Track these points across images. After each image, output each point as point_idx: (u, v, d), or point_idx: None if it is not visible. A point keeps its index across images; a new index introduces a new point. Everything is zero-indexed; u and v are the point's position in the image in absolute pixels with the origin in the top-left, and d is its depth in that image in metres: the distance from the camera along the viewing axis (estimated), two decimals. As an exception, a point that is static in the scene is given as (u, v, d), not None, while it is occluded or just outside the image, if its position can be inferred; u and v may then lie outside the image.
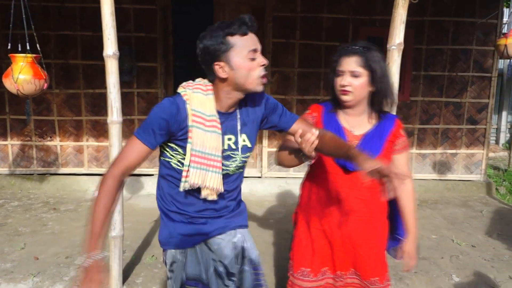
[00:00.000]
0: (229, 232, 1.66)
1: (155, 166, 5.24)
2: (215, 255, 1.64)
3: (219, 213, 1.65)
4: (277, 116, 1.68)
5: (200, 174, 1.51)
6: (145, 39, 5.06)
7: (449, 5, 5.18)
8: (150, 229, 3.94)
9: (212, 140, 1.52)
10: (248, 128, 1.63)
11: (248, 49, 1.48)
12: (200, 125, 1.50)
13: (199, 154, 1.51)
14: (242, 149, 1.62)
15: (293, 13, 5.11)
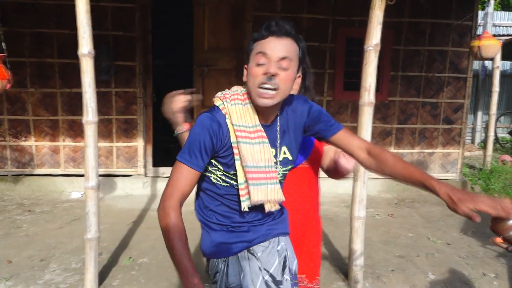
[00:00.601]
0: (272, 239, 1.55)
1: (133, 167, 5.18)
2: (260, 263, 1.51)
3: (261, 222, 1.54)
4: (321, 125, 1.53)
5: (261, 190, 1.42)
6: (124, 38, 4.99)
7: (426, 7, 5.26)
8: (127, 231, 3.89)
9: (261, 151, 1.43)
10: (289, 140, 1.52)
11: (256, 52, 1.36)
12: (245, 139, 1.40)
13: (254, 170, 1.41)
14: (282, 162, 1.51)
15: (273, 13, 5.11)
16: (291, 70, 1.37)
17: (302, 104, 1.52)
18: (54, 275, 3.04)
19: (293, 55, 1.38)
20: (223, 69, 5.23)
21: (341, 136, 1.54)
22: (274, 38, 1.36)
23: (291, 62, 1.37)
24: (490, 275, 3.19)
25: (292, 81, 1.40)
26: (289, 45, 1.38)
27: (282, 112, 1.49)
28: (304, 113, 1.51)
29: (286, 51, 1.36)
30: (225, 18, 5.16)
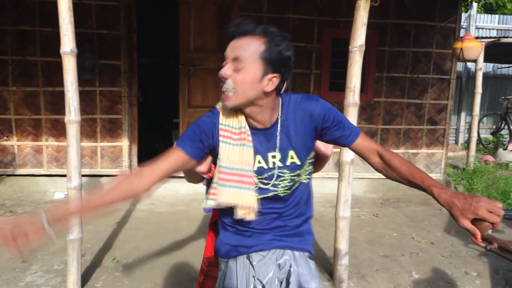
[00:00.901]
0: (274, 250, 1.50)
1: (118, 167, 5.12)
2: (254, 272, 1.48)
3: (266, 230, 1.51)
4: (339, 131, 1.45)
5: (229, 193, 1.40)
6: (108, 37, 4.94)
7: (410, 9, 5.31)
8: (111, 231, 3.84)
9: (240, 154, 1.40)
10: (296, 144, 1.44)
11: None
12: (227, 139, 1.41)
13: (226, 171, 1.40)
14: (289, 167, 1.45)
15: (260, 13, 5.11)
16: (245, 70, 1.32)
17: (313, 105, 1.43)
18: (35, 277, 2.98)
19: (248, 55, 1.32)
20: (209, 69, 5.21)
21: (359, 142, 1.48)
22: (234, 40, 1.35)
23: (244, 62, 1.32)
24: (472, 274, 3.23)
25: (252, 82, 1.33)
26: (245, 45, 1.33)
27: (285, 114, 1.44)
28: (314, 114, 1.43)
29: (238, 52, 1.33)
30: (211, 18, 5.14)
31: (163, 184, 5.09)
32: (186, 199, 4.86)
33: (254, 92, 1.35)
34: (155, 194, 5.00)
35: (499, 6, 11.99)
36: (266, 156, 1.44)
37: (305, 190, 1.54)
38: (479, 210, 1.19)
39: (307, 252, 1.56)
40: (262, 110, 1.40)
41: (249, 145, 1.42)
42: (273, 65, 1.34)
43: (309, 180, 1.55)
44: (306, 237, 1.57)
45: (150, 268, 3.16)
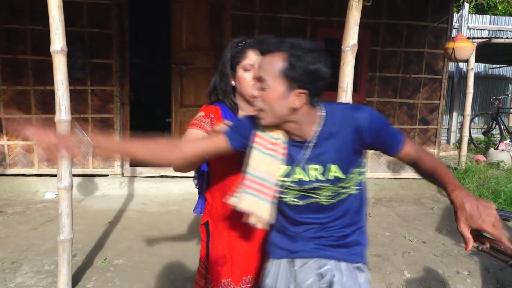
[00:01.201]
0: (315, 259, 1.48)
1: (110, 166, 5.09)
2: (294, 277, 1.48)
3: (311, 238, 1.49)
4: (385, 141, 1.40)
5: (248, 199, 1.41)
6: (100, 35, 4.90)
7: (403, 9, 5.34)
8: (103, 232, 3.81)
9: (267, 164, 1.41)
10: (339, 157, 1.40)
11: None
12: (259, 146, 1.43)
13: (250, 178, 1.42)
14: (331, 181, 1.41)
15: (252, 12, 5.10)
16: (269, 89, 1.32)
17: (360, 115, 1.37)
18: (26, 278, 2.95)
19: (269, 73, 1.32)
20: (202, 68, 5.19)
21: (405, 151, 1.42)
22: (260, 57, 1.39)
23: (266, 81, 1.32)
24: (463, 273, 3.25)
25: (277, 100, 1.32)
26: (267, 63, 1.33)
27: (329, 126, 1.40)
28: (361, 126, 1.37)
29: (260, 71, 1.35)
30: (204, 17, 5.12)
31: (155, 184, 5.07)
32: (179, 199, 4.84)
33: (282, 110, 1.34)
34: (147, 193, 4.98)
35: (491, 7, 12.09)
36: (307, 169, 1.42)
37: (354, 200, 1.48)
38: (485, 224, 1.13)
39: (355, 263, 1.49)
40: (299, 125, 1.38)
41: (279, 157, 1.42)
42: (298, 80, 1.30)
43: (360, 190, 1.49)
44: (355, 247, 1.50)
45: (142, 268, 3.14)
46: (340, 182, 1.42)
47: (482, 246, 1.24)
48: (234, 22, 5.07)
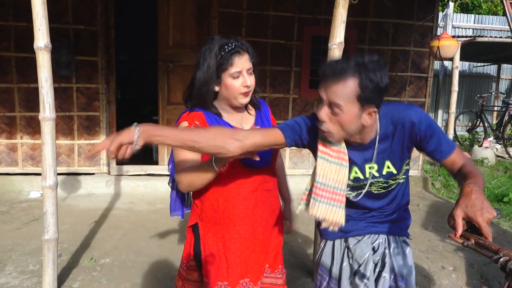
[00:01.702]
0: (368, 235, 1.63)
1: (96, 165, 5.04)
2: (351, 253, 1.62)
3: (361, 217, 1.63)
4: (432, 144, 1.48)
5: (320, 208, 1.50)
6: (85, 32, 4.83)
7: (389, 8, 5.37)
8: (89, 231, 3.77)
9: (336, 172, 1.49)
10: (393, 154, 1.52)
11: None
12: (325, 155, 1.50)
13: (321, 187, 1.50)
14: (385, 176, 1.55)
15: (239, 9, 5.09)
16: (343, 114, 1.36)
17: (410, 115, 1.47)
18: (10, 278, 2.91)
19: (343, 99, 1.35)
20: (189, 65, 5.14)
21: (452, 158, 1.49)
22: (328, 81, 1.37)
23: (340, 106, 1.35)
24: (448, 268, 3.30)
25: (351, 122, 1.38)
26: (339, 90, 1.35)
27: (384, 128, 1.49)
28: (411, 124, 1.47)
29: (332, 97, 1.36)
30: (190, 14, 5.09)
31: (142, 182, 5.03)
32: (166, 197, 4.74)
33: (354, 128, 1.42)
34: (134, 192, 4.94)
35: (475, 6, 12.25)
36: (364, 168, 1.53)
37: (401, 187, 1.63)
38: (481, 217, 1.19)
39: (401, 236, 1.66)
40: (363, 135, 1.48)
41: (345, 165, 1.49)
42: (370, 100, 1.37)
43: (407, 177, 1.63)
44: (401, 222, 1.67)
45: (129, 267, 3.12)
46: (393, 176, 1.56)
47: (468, 242, 1.26)
48: (221, 20, 5.05)
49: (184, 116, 1.69)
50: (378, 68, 1.36)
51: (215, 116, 1.68)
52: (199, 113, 1.67)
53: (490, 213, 1.20)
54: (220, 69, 1.60)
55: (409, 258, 1.65)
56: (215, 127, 1.53)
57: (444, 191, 5.75)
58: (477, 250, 1.24)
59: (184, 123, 1.66)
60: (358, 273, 1.59)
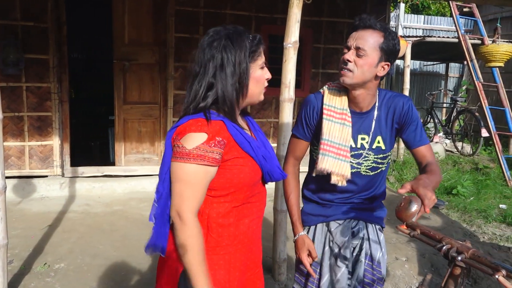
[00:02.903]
0: (349, 220, 1.80)
1: (49, 167, 4.86)
2: (332, 237, 1.78)
3: (344, 202, 1.79)
4: (412, 132, 1.72)
5: (328, 161, 1.67)
6: (35, 29, 4.65)
7: (343, 7, 5.51)
8: (42, 235, 3.64)
9: (339, 131, 1.68)
10: (385, 132, 1.72)
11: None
12: (329, 117, 1.69)
13: (327, 143, 1.68)
14: (374, 150, 1.73)
15: (196, 7, 5.06)
16: (366, 56, 1.59)
17: (402, 102, 1.71)
18: (-44, 288, 2.76)
19: (370, 44, 1.59)
20: (146, 63, 5.08)
21: (422, 150, 1.71)
22: (357, 31, 1.63)
23: (366, 50, 1.59)
24: (402, 259, 3.44)
25: (370, 66, 1.60)
26: (368, 36, 1.60)
27: (381, 104, 1.72)
28: (401, 110, 1.71)
29: (361, 42, 1.60)
30: (146, 11, 5.01)
31: (98, 184, 4.91)
32: (123, 198, 4.73)
33: (369, 75, 1.63)
34: (90, 194, 4.81)
35: (425, 7, 12.76)
36: (356, 137, 1.72)
37: (382, 176, 1.81)
38: (421, 188, 1.34)
39: (378, 224, 1.83)
40: (366, 95, 1.68)
41: (348, 124, 1.69)
42: (387, 55, 1.63)
43: (387, 168, 1.82)
44: (378, 211, 1.84)
45: (84, 272, 3.04)
46: (381, 153, 1.74)
47: (414, 232, 1.33)
48: (178, 17, 5.00)
49: (197, 127, 1.29)
50: (395, 36, 1.64)
51: (234, 125, 1.35)
52: (220, 123, 1.32)
53: (432, 193, 1.34)
54: (250, 60, 1.38)
55: (383, 245, 1.81)
56: (291, 182, 1.86)
57: (398, 185, 5.97)
58: (422, 239, 1.31)
59: (202, 136, 1.28)
60: (339, 256, 1.75)
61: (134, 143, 5.20)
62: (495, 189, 5.72)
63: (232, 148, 1.33)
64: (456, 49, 6.98)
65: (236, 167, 1.34)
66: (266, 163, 1.41)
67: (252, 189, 1.41)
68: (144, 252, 1.44)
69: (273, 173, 1.44)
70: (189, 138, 1.27)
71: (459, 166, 6.98)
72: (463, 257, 1.17)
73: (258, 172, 1.40)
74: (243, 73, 1.35)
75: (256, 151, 1.37)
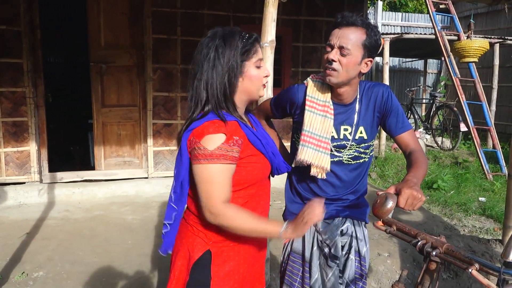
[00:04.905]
0: (337, 219, 1.79)
1: (26, 173, 4.76)
2: (320, 237, 1.75)
3: (330, 201, 1.76)
4: (394, 119, 1.74)
5: (308, 152, 1.68)
6: (8, 33, 4.54)
7: (321, 7, 5.53)
8: (20, 244, 3.55)
9: (321, 122, 1.68)
10: (366, 121, 1.74)
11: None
12: (311, 109, 1.70)
13: (307, 134, 1.69)
14: (357, 140, 1.74)
15: (173, 8, 5.01)
16: (350, 55, 1.59)
17: (382, 91, 1.73)
18: None
19: (353, 42, 1.59)
20: (123, 66, 5.01)
21: (405, 136, 1.74)
22: (339, 29, 1.62)
23: (349, 49, 1.58)
24: (384, 255, 3.46)
25: (354, 64, 1.61)
26: (350, 34, 1.60)
27: (361, 96, 1.74)
28: (381, 98, 1.73)
29: (344, 40, 1.59)
30: (122, 13, 4.94)
31: (78, 189, 4.83)
32: (104, 203, 4.65)
33: (354, 73, 1.64)
34: (70, 199, 4.73)
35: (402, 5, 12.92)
36: (339, 128, 1.73)
37: (365, 168, 1.82)
38: (407, 188, 1.37)
39: (363, 221, 1.85)
40: (350, 89, 1.69)
41: (330, 116, 1.70)
42: (370, 51, 1.63)
43: (369, 161, 1.83)
44: (363, 208, 1.85)
45: (64, 279, 2.97)
46: (363, 143, 1.75)
47: (390, 229, 1.33)
48: (155, 19, 4.95)
49: (215, 126, 1.34)
50: (377, 30, 1.65)
51: (245, 124, 1.43)
52: (234, 123, 1.39)
53: (418, 191, 1.36)
54: (243, 59, 1.41)
55: (367, 240, 1.86)
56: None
57: (380, 181, 6.03)
58: (398, 236, 1.32)
59: (221, 137, 1.33)
60: (330, 256, 1.74)
61: (114, 146, 5.12)
62: (474, 182, 5.83)
63: (246, 147, 1.41)
64: (434, 45, 7.08)
65: (250, 164, 1.43)
66: (275, 159, 1.52)
67: (262, 183, 1.52)
68: (126, 257, 1.45)
69: (280, 167, 1.55)
70: (209, 139, 1.33)
71: (440, 161, 7.08)
72: (437, 252, 1.18)
73: (268, 168, 1.51)
74: (231, 70, 1.39)
75: (266, 148, 1.47)
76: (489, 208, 4.75)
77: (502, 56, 8.39)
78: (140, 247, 3.48)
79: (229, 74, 1.39)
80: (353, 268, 1.78)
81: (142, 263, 3.20)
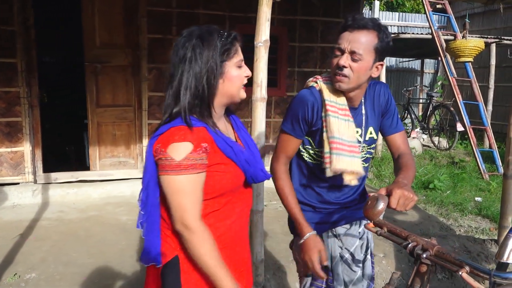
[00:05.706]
0: (354, 222, 1.77)
1: (20, 174, 4.73)
2: (341, 243, 1.73)
3: (345, 205, 1.76)
4: (389, 119, 1.74)
5: (342, 160, 1.60)
6: (1, 32, 4.50)
7: (317, 6, 5.52)
8: (13, 245, 3.52)
9: (346, 127, 1.63)
10: (373, 121, 1.72)
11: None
12: (334, 114, 1.61)
13: (338, 141, 1.61)
14: (368, 141, 1.73)
15: (169, 8, 4.99)
16: (361, 61, 1.54)
17: (383, 89, 1.73)
18: None
19: (364, 47, 1.53)
20: (118, 65, 4.99)
21: (396, 137, 1.75)
22: (349, 32, 1.56)
23: (360, 54, 1.53)
24: (379, 255, 3.45)
25: (366, 70, 1.57)
26: (361, 38, 1.54)
27: (367, 97, 1.71)
28: (383, 97, 1.73)
29: (355, 45, 1.53)
30: (118, 13, 4.91)
31: (72, 190, 4.80)
32: (99, 204, 4.63)
33: (365, 78, 1.60)
34: (64, 200, 4.70)
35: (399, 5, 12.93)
36: None
37: (367, 168, 1.80)
38: (398, 189, 1.36)
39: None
40: (360, 92, 1.66)
41: (351, 120, 1.65)
42: (382, 54, 1.59)
43: (367, 166, 1.80)
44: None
45: (57, 280, 2.95)
46: (373, 143, 1.75)
47: (381, 231, 1.32)
48: (150, 18, 4.92)
49: (180, 134, 1.27)
50: (388, 32, 1.60)
51: (216, 130, 1.34)
52: (202, 130, 1.30)
53: (409, 191, 1.35)
54: (223, 59, 1.33)
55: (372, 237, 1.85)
56: (284, 179, 1.71)
57: (376, 181, 6.02)
58: (389, 238, 1.30)
59: (187, 145, 1.25)
60: (354, 261, 1.73)
61: (109, 146, 5.10)
62: (470, 182, 5.83)
63: (214, 154, 1.31)
64: (431, 45, 7.08)
65: (218, 173, 1.33)
66: (250, 168, 1.39)
67: (234, 193, 1.40)
68: (120, 258, 1.43)
69: (257, 176, 1.43)
70: (175, 149, 1.25)
71: (436, 161, 7.08)
72: (428, 254, 1.17)
73: (241, 177, 1.39)
74: (211, 72, 1.31)
75: (238, 156, 1.35)
76: (485, 208, 4.75)
77: (499, 56, 8.38)
78: (135, 247, 3.46)
79: (208, 75, 1.31)
80: (370, 268, 1.80)
81: (136, 264, 3.18)
